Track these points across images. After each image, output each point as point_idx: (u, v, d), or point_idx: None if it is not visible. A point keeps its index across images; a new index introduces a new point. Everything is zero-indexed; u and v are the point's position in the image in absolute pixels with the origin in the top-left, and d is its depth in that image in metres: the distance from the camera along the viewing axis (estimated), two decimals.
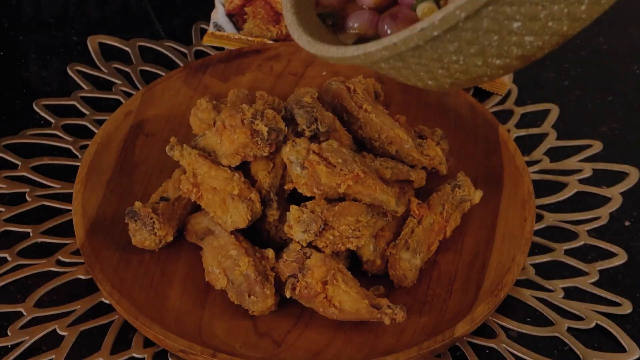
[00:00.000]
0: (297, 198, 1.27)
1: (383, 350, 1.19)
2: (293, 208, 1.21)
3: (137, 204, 1.27)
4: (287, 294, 1.21)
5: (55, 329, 1.23)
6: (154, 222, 1.25)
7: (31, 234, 1.33)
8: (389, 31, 1.06)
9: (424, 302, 1.25)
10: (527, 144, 1.47)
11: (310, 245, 1.22)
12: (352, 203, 1.23)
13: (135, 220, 1.26)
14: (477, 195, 1.31)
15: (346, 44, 1.06)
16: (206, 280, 1.25)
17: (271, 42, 1.56)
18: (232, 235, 1.24)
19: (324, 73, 1.50)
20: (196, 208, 1.31)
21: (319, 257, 1.21)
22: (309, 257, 1.21)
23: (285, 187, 1.25)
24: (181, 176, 1.28)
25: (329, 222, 1.21)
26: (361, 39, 1.09)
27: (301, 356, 1.19)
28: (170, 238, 1.28)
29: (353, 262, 1.28)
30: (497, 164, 1.39)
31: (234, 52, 1.52)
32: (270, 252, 1.23)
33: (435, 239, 1.28)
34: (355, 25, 1.12)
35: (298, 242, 1.22)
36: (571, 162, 1.45)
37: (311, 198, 1.25)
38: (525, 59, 0.92)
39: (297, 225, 1.20)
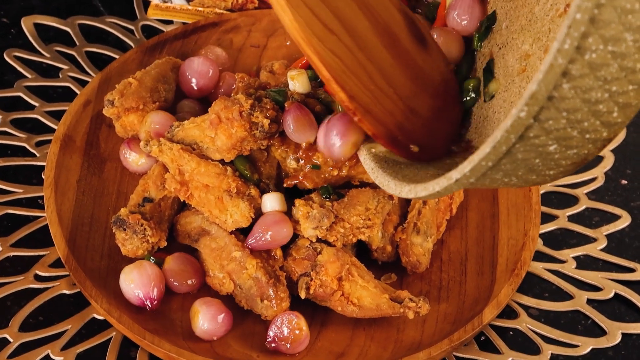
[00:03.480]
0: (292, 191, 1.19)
1: (409, 345, 1.13)
2: (299, 203, 1.13)
3: (124, 210, 1.16)
4: (302, 295, 1.13)
5: (48, 354, 1.12)
6: (145, 229, 1.15)
7: (0, 248, 1.21)
8: None
9: (440, 287, 1.19)
10: None
11: (318, 239, 1.14)
12: (360, 190, 1.15)
13: (124, 229, 1.15)
14: None
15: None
16: (208, 284, 1.16)
17: (227, 12, 1.45)
18: (232, 235, 1.15)
19: (288, 43, 1.41)
20: (182, 205, 1.21)
21: (331, 251, 1.13)
22: (320, 253, 1.13)
23: (285, 185, 1.16)
24: (166, 175, 1.17)
25: (340, 214, 1.13)
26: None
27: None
28: (164, 243, 1.18)
29: (359, 250, 1.20)
30: None
31: (190, 27, 1.41)
32: (277, 251, 1.15)
33: (442, 219, 1.22)
34: None
35: (307, 237, 1.14)
36: None
37: (311, 191, 1.17)
38: (578, 164, 0.91)
39: (307, 221, 1.12)
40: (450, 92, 1.13)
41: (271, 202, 1.15)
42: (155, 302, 1.13)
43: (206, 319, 1.11)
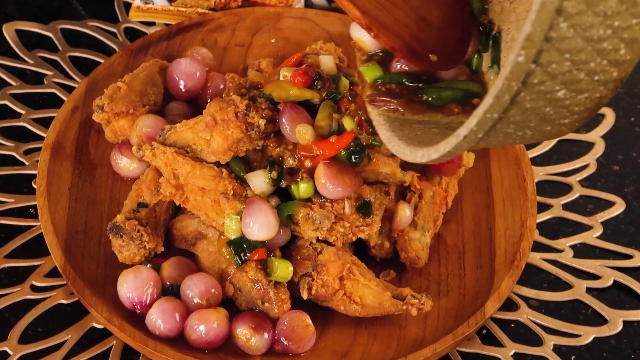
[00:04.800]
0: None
1: (413, 341, 1.13)
2: (299, 204, 1.12)
3: (119, 217, 1.15)
4: (304, 295, 1.12)
5: None
6: (141, 235, 1.14)
7: None
8: None
9: (439, 282, 1.19)
10: None
11: (318, 239, 1.14)
12: None
13: (121, 236, 1.14)
14: (471, 159, 1.25)
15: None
16: None
17: (210, 11, 1.44)
18: None
19: (272, 40, 1.40)
20: (177, 209, 1.20)
21: (332, 251, 1.13)
22: (320, 253, 1.13)
23: (282, 185, 1.15)
24: (161, 179, 1.16)
25: (339, 213, 1.12)
26: None
27: None
28: (161, 249, 1.17)
29: (356, 248, 1.20)
30: None
31: (174, 28, 1.39)
32: (277, 252, 1.14)
33: (439, 212, 1.22)
34: None
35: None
36: None
37: None
38: (593, 110, 0.86)
39: (307, 223, 1.11)
40: None
41: (258, 180, 1.14)
42: (145, 306, 1.12)
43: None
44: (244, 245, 1.11)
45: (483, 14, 1.10)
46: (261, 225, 1.09)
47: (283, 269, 1.10)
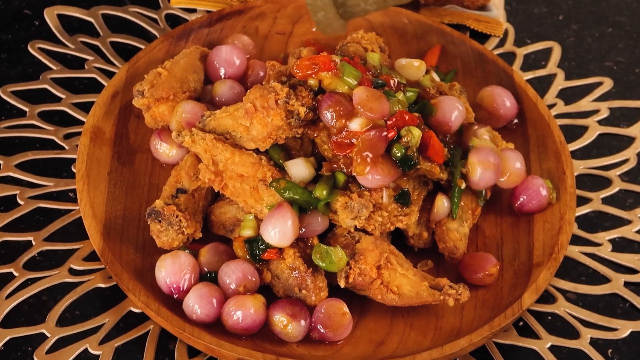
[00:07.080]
0: None
1: (449, 332, 1.13)
2: (338, 194, 1.12)
3: (158, 202, 1.15)
4: (342, 284, 1.12)
5: (87, 349, 1.12)
6: (180, 221, 1.14)
7: (34, 242, 1.20)
8: None
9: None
10: (535, 87, 1.39)
11: (355, 227, 1.14)
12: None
13: (160, 221, 1.15)
14: (511, 146, 1.25)
15: None
16: None
17: None
18: None
19: (313, 29, 1.40)
20: (216, 196, 1.21)
21: (370, 240, 1.13)
22: (358, 242, 1.13)
23: (324, 172, 1.15)
24: (200, 165, 1.16)
25: (377, 203, 1.12)
26: None
27: (365, 349, 1.12)
28: (199, 235, 1.17)
29: (393, 237, 1.20)
30: (518, 114, 1.32)
31: (215, 15, 1.39)
32: (314, 240, 1.14)
33: (477, 203, 1.21)
34: None
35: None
36: (585, 103, 1.39)
37: None
38: None
39: (345, 212, 1.11)
40: None
41: (296, 168, 1.14)
42: (182, 291, 1.12)
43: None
44: (261, 245, 1.12)
45: None
46: (279, 232, 1.10)
47: (342, 259, 1.11)
